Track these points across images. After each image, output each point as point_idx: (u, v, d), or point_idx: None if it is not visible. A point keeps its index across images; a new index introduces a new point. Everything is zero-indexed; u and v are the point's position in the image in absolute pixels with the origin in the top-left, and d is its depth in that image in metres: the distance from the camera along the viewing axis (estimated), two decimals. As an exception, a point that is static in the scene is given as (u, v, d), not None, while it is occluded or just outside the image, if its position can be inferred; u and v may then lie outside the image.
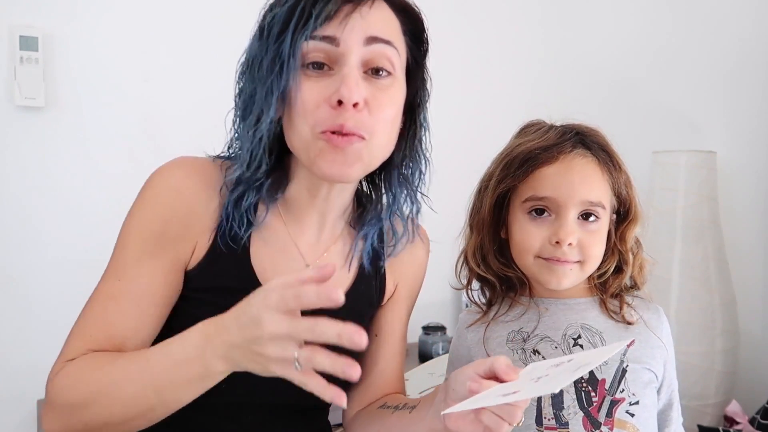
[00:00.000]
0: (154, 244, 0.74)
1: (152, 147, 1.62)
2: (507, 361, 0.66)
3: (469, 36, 2.21)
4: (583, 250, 0.85)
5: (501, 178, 0.89)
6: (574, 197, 0.84)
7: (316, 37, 0.68)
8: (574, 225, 0.85)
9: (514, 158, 0.88)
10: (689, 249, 2.00)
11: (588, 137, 0.89)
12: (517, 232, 0.88)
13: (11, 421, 1.59)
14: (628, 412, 0.85)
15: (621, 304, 0.90)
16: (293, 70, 0.68)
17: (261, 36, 0.72)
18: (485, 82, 2.23)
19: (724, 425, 1.95)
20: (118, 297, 0.73)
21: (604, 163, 0.87)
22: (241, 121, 0.76)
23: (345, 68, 0.68)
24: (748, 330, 2.14)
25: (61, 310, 1.62)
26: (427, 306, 2.01)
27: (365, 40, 0.69)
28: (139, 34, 1.69)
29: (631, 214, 0.90)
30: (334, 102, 0.68)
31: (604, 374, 0.85)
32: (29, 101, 1.56)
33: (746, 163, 2.19)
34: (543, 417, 0.84)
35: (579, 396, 0.84)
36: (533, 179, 0.86)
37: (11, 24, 1.55)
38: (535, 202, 0.86)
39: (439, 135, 2.36)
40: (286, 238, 0.81)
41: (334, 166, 0.71)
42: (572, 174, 0.85)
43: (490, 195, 0.90)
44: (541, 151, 0.86)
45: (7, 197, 1.58)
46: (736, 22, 2.21)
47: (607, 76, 2.41)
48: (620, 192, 0.89)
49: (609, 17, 2.41)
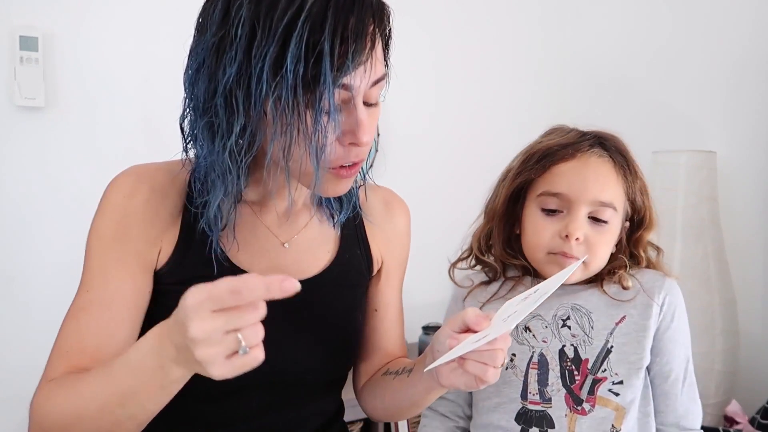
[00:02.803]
0: (116, 248, 0.75)
1: (152, 147, 1.62)
2: (475, 311, 0.70)
3: (470, 36, 2.21)
4: (590, 248, 0.87)
5: (519, 171, 0.93)
6: (586, 195, 0.87)
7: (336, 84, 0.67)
8: (584, 221, 0.87)
9: (533, 153, 0.92)
10: (689, 249, 2.00)
11: (608, 141, 0.92)
12: (530, 227, 0.91)
13: (11, 421, 1.59)
14: (612, 391, 0.87)
15: (619, 278, 0.92)
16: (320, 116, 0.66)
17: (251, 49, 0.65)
18: (485, 81, 2.23)
19: (724, 425, 1.95)
20: (88, 307, 0.75)
21: (620, 166, 0.90)
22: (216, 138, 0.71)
23: (357, 111, 0.69)
24: (748, 330, 2.14)
25: (61, 311, 1.62)
26: (427, 306, 2.01)
27: (372, 83, 0.70)
28: (139, 34, 1.70)
29: (646, 221, 0.93)
30: (346, 142, 0.70)
31: (588, 354, 0.88)
32: (29, 101, 1.57)
33: (746, 163, 2.19)
34: (528, 392, 0.89)
35: (563, 374, 0.88)
36: (549, 174, 0.90)
37: (11, 24, 1.55)
38: (548, 197, 0.89)
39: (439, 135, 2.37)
40: (255, 220, 0.83)
41: (340, 187, 0.76)
42: (587, 172, 0.88)
43: (506, 186, 0.94)
44: (560, 147, 0.90)
45: (6, 197, 1.58)
46: (737, 22, 2.21)
47: (607, 76, 2.41)
48: (635, 198, 0.91)
49: (609, 17, 2.41)
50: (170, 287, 0.77)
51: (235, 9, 0.66)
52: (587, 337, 0.89)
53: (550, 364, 0.89)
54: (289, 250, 0.84)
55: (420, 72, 2.10)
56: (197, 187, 0.77)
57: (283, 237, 0.85)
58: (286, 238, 0.85)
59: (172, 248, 0.78)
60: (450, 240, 1.02)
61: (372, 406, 0.94)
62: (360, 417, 1.56)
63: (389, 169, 2.01)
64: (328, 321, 0.85)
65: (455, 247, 0.99)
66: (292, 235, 0.85)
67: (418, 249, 1.03)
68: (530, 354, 0.90)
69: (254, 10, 0.64)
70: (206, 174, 0.74)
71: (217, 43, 0.67)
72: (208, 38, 0.68)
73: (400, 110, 2.06)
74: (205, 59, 0.69)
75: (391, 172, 2.02)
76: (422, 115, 2.13)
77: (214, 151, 0.71)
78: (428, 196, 1.97)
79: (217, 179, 0.72)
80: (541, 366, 0.89)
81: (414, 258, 1.00)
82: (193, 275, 0.76)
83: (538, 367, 0.89)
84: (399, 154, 2.07)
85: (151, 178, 0.79)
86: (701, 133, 2.27)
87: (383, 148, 2.29)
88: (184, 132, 0.75)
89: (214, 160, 0.72)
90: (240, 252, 0.80)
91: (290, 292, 0.51)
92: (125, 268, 0.75)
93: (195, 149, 0.76)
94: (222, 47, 0.67)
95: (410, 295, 1.06)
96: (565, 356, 0.89)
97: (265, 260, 0.82)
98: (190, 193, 0.79)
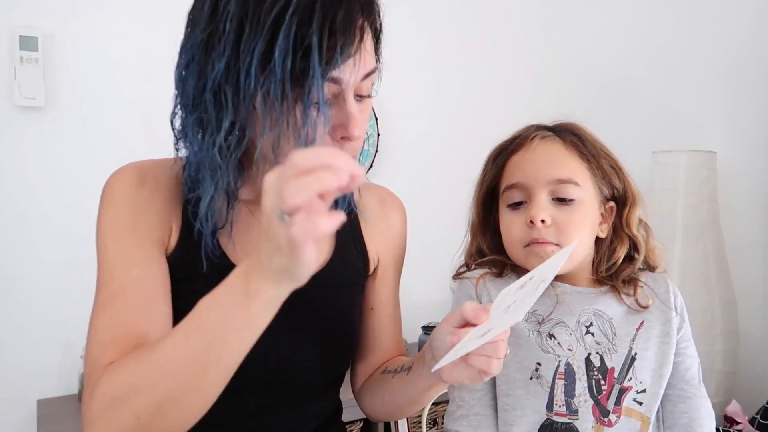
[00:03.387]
0: (131, 233, 0.74)
1: (152, 147, 1.62)
2: (473, 305, 0.68)
3: (470, 36, 2.21)
4: (561, 230, 0.85)
5: (482, 178, 0.95)
6: (540, 177, 0.86)
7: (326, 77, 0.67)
8: (545, 203, 0.86)
9: (490, 157, 0.95)
10: (689, 249, 2.00)
11: (558, 126, 0.92)
12: (502, 226, 0.91)
13: (11, 421, 1.59)
14: (636, 401, 0.85)
15: (635, 289, 0.90)
16: (309, 109, 0.66)
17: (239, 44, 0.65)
18: (485, 82, 2.23)
19: (724, 425, 1.95)
20: (120, 293, 0.72)
21: (572, 144, 0.89)
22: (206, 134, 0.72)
23: (348, 105, 0.69)
24: (748, 330, 2.14)
25: (61, 311, 1.63)
26: (427, 306, 2.01)
27: (362, 77, 0.70)
28: (139, 34, 1.70)
29: (629, 197, 0.90)
30: (338, 136, 0.70)
31: (614, 362, 0.86)
32: (29, 101, 1.57)
33: (746, 163, 2.19)
34: (554, 404, 0.85)
35: (590, 384, 0.85)
36: (506, 170, 0.91)
37: (11, 24, 1.55)
38: (509, 192, 0.89)
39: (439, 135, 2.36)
40: (251, 219, 0.83)
41: None
42: (536, 155, 0.88)
43: (476, 197, 0.96)
44: (509, 142, 0.93)
45: (6, 197, 1.58)
46: (737, 22, 2.21)
47: (607, 76, 2.41)
48: (607, 175, 0.89)
49: (609, 17, 2.41)
50: (172, 285, 0.77)
51: (223, 4, 0.66)
52: (611, 345, 0.87)
53: (576, 373, 0.86)
54: None
55: (420, 72, 2.10)
56: (188, 183, 0.77)
57: None
58: None
59: (175, 243, 0.78)
60: (450, 240, 1.01)
61: (371, 406, 0.93)
62: (359, 417, 1.56)
63: (389, 169, 2.02)
64: (325, 320, 0.85)
65: (455, 248, 0.99)
66: None
67: (418, 249, 1.03)
68: (557, 363, 0.86)
69: (242, 5, 0.65)
70: (197, 171, 0.74)
71: (205, 39, 0.67)
72: (197, 34, 0.68)
73: (400, 111, 2.06)
74: (195, 55, 0.69)
75: (390, 172, 2.03)
76: (422, 115, 2.13)
77: (203, 147, 0.71)
78: (428, 196, 1.97)
79: (207, 175, 0.72)
80: (568, 376, 0.86)
81: (414, 258, 1.00)
82: (193, 273, 0.76)
83: (565, 377, 0.86)
84: (399, 154, 2.07)
85: (154, 172, 0.79)
86: (701, 133, 2.27)
87: (383, 148, 2.29)
88: (175, 129, 0.76)
89: (203, 157, 0.72)
90: (237, 250, 0.80)
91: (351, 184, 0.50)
92: (146, 251, 0.74)
93: (185, 146, 0.76)
94: (211, 43, 0.67)
95: (410, 295, 1.05)
96: (591, 365, 0.86)
97: None
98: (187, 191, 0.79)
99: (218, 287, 0.60)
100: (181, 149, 0.77)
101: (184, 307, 0.71)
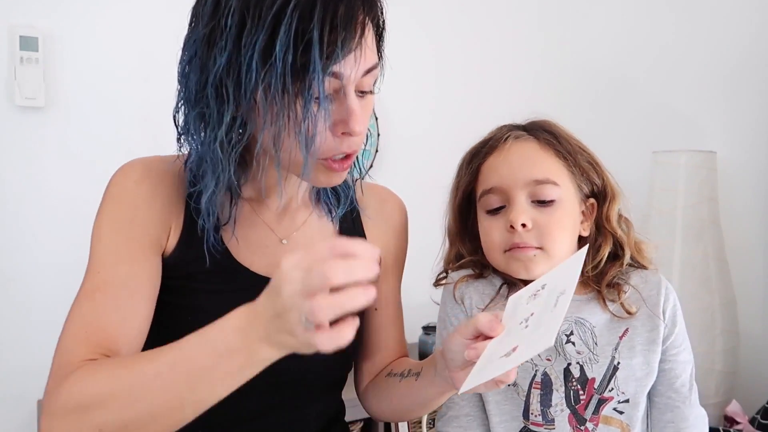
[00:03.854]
0: (127, 229, 0.74)
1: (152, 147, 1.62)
2: (487, 316, 0.66)
3: (470, 36, 2.21)
4: (542, 232, 0.83)
5: (457, 183, 0.93)
6: (517, 179, 0.84)
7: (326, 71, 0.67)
8: (525, 206, 0.84)
9: (462, 160, 0.93)
10: (689, 249, 2.00)
11: (531, 125, 0.90)
12: (481, 233, 0.89)
13: (11, 421, 1.59)
14: (617, 410, 0.84)
15: (619, 293, 0.87)
16: (310, 104, 0.66)
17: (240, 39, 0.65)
18: (486, 82, 2.23)
19: (724, 425, 1.95)
20: (103, 287, 0.71)
21: (547, 142, 0.87)
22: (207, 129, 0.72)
23: (349, 100, 0.69)
24: (748, 330, 2.14)
25: (61, 311, 1.62)
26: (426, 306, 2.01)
27: (363, 72, 0.70)
28: (139, 34, 1.70)
29: (608, 193, 0.88)
30: (339, 132, 0.70)
31: (595, 373, 0.84)
32: (29, 101, 1.57)
33: (746, 163, 2.19)
34: (530, 413, 0.85)
35: (567, 394, 0.84)
36: (481, 174, 0.89)
37: (11, 24, 1.55)
38: (487, 197, 0.87)
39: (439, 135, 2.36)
40: (254, 217, 0.83)
41: (333, 179, 0.75)
42: (511, 157, 0.86)
43: (452, 203, 0.94)
44: (482, 145, 0.91)
45: (6, 197, 1.58)
46: (737, 22, 2.21)
47: (607, 76, 2.41)
48: (585, 172, 0.87)
49: (609, 17, 2.41)
50: (174, 282, 0.77)
51: (225, 0, 0.67)
52: (593, 354, 0.85)
53: (554, 384, 0.84)
54: (287, 246, 0.84)
55: (420, 72, 2.10)
56: (189, 178, 0.77)
57: (281, 233, 0.84)
58: (284, 234, 0.85)
59: (177, 240, 0.78)
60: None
61: (377, 408, 0.92)
62: (360, 417, 1.56)
63: (389, 169, 2.02)
64: None
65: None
66: (290, 231, 0.85)
67: (418, 249, 1.03)
68: (533, 372, 0.85)
69: (244, 0, 0.65)
70: (198, 165, 0.75)
71: (208, 34, 0.68)
72: (200, 30, 0.69)
73: (400, 110, 2.06)
74: (197, 50, 0.69)
75: (391, 172, 2.03)
76: (422, 115, 2.13)
77: (205, 142, 0.72)
78: (428, 196, 1.96)
79: (208, 170, 0.73)
80: (544, 386, 0.84)
81: (414, 258, 1.00)
82: (196, 270, 0.77)
83: (540, 387, 0.85)
84: (399, 155, 2.07)
85: (157, 169, 0.79)
86: (701, 133, 2.27)
87: (383, 148, 2.29)
88: (178, 125, 0.76)
89: (205, 151, 0.72)
90: (240, 248, 0.80)
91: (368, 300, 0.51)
92: (138, 248, 0.74)
93: (188, 141, 0.76)
94: (213, 38, 0.67)
95: (410, 295, 1.05)
96: (570, 376, 0.84)
97: (265, 257, 0.82)
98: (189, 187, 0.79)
99: (212, 328, 0.59)
100: (184, 145, 0.77)
101: (188, 304, 0.71)
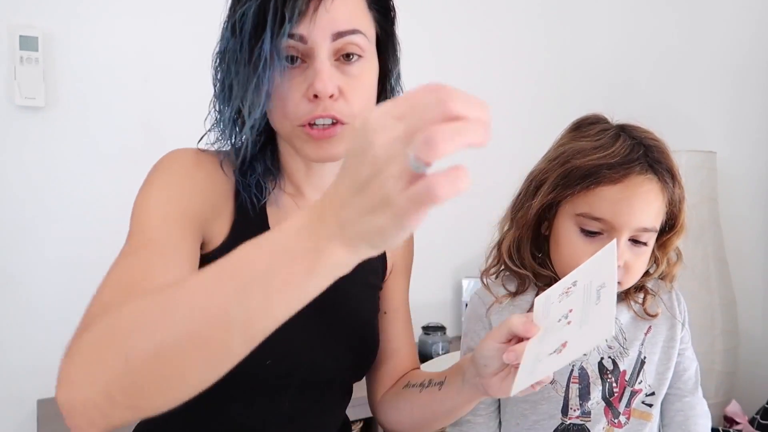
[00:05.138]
0: (177, 202, 0.71)
1: (152, 147, 1.62)
2: (521, 318, 0.66)
3: (472, 37, 2.21)
4: (629, 270, 0.83)
5: (557, 184, 0.84)
6: (631, 223, 0.80)
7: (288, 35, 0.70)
8: (625, 248, 0.81)
9: (575, 169, 0.83)
10: (689, 249, 2.00)
11: (654, 153, 0.84)
12: (567, 246, 0.84)
13: (11, 421, 1.59)
14: (645, 403, 0.88)
15: (645, 296, 0.91)
16: (277, 67, 0.70)
17: (234, 32, 0.72)
18: (487, 83, 2.22)
19: (724, 425, 1.95)
20: (148, 245, 0.65)
21: (664, 186, 0.83)
22: (227, 111, 0.77)
23: (316, 62, 0.70)
24: (748, 330, 2.14)
25: (62, 310, 1.63)
26: (427, 306, 2.01)
27: (332, 36, 0.71)
28: (139, 34, 1.70)
29: (677, 226, 0.87)
30: (310, 95, 0.71)
31: (625, 365, 0.88)
32: (29, 101, 1.57)
33: (746, 163, 2.19)
34: (569, 408, 0.86)
35: (604, 387, 0.87)
36: (592, 195, 0.81)
37: (11, 24, 1.55)
38: (590, 220, 0.81)
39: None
40: (296, 209, 0.83)
41: (320, 151, 0.74)
42: (635, 200, 0.80)
43: (540, 198, 0.86)
44: (607, 168, 0.81)
45: (7, 197, 1.58)
46: (737, 22, 2.21)
47: (607, 77, 2.41)
48: (673, 209, 0.86)
49: (610, 18, 2.41)
50: None
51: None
52: (623, 349, 0.88)
53: (590, 377, 0.87)
54: None
55: (420, 73, 2.10)
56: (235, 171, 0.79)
57: None
58: None
59: (227, 231, 0.77)
60: (450, 240, 1.01)
61: (396, 420, 0.90)
62: (359, 417, 1.56)
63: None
64: (356, 320, 0.85)
65: (456, 248, 0.99)
66: None
67: (419, 249, 1.03)
68: (570, 368, 0.87)
69: None
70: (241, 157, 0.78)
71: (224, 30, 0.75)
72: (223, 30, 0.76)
73: (400, 110, 2.06)
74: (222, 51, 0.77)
75: (391, 172, 2.02)
76: (422, 115, 2.13)
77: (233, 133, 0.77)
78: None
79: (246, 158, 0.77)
80: (582, 380, 0.87)
81: (414, 258, 1.00)
82: None
83: (578, 381, 0.87)
84: (399, 154, 2.07)
85: (209, 160, 0.79)
86: (701, 133, 2.27)
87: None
88: (215, 120, 0.80)
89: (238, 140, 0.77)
90: None
91: None
92: (188, 224, 0.71)
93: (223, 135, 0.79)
94: (225, 36, 0.75)
95: (410, 295, 1.06)
96: (605, 369, 0.87)
97: None
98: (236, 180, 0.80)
99: (269, 234, 0.48)
100: (224, 141, 0.80)
101: None
